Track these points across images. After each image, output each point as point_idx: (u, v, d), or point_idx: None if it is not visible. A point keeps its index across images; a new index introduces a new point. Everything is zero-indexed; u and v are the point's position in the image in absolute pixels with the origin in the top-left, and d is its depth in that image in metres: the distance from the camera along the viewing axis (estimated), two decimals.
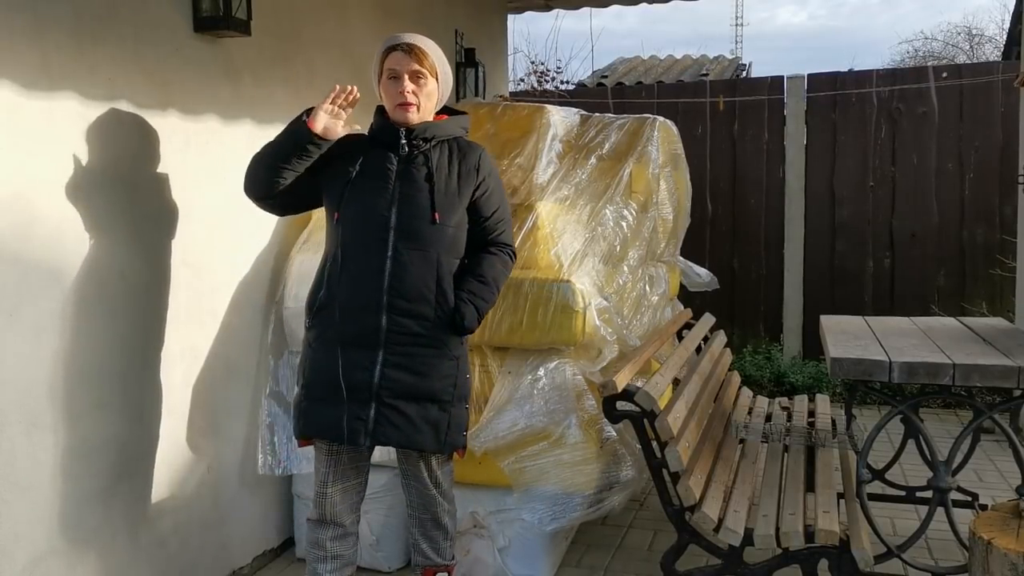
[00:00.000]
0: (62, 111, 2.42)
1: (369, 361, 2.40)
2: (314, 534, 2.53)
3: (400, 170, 2.46)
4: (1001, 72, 5.71)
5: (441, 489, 2.59)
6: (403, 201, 2.43)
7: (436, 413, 2.46)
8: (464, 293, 2.49)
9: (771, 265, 6.24)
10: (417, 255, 2.42)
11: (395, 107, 2.46)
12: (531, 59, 9.28)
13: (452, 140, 2.56)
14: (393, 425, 2.41)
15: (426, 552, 2.63)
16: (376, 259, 2.41)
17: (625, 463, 3.23)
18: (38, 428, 2.36)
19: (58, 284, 2.41)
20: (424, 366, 2.43)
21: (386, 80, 2.47)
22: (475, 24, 5.27)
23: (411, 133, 2.47)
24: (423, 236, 2.43)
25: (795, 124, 6.14)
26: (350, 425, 2.40)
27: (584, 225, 3.41)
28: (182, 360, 2.89)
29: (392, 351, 2.41)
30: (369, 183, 2.45)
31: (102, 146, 2.56)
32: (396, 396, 2.41)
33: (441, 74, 2.52)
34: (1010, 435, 2.81)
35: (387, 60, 2.47)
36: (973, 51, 18.41)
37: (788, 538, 2.56)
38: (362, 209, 2.43)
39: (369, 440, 2.41)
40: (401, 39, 2.48)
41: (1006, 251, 5.45)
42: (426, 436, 2.45)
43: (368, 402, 2.40)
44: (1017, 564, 2.16)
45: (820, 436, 3.42)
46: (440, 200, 2.45)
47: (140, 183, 2.71)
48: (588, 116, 4.01)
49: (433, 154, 2.50)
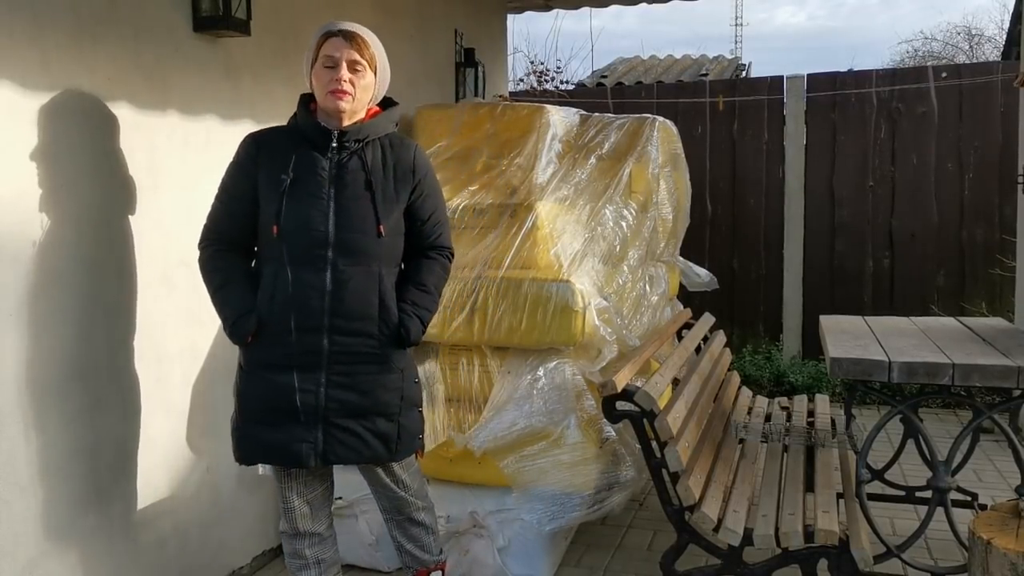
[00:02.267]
0: (62, 111, 2.42)
1: (312, 383, 2.31)
2: (291, 545, 2.50)
3: (333, 175, 2.32)
4: (1001, 72, 5.71)
5: (410, 490, 2.54)
6: (341, 212, 2.30)
7: (384, 425, 2.39)
8: (407, 306, 2.40)
9: (771, 265, 6.24)
10: (358, 271, 2.31)
11: (327, 94, 2.30)
12: (531, 59, 9.30)
13: (384, 137, 2.42)
14: (342, 444, 2.35)
15: (413, 553, 2.60)
16: (315, 277, 2.28)
17: (625, 463, 3.23)
18: (38, 428, 2.36)
19: (58, 284, 2.41)
20: (369, 384, 2.36)
21: (320, 67, 2.31)
22: (475, 24, 5.26)
23: (343, 136, 2.33)
24: (365, 251, 2.32)
25: (795, 124, 6.14)
26: (297, 448, 2.32)
27: (584, 225, 3.41)
28: (181, 360, 2.89)
29: (335, 371, 2.32)
30: (302, 191, 2.30)
31: (102, 146, 2.56)
32: (342, 415, 2.34)
33: (380, 68, 2.39)
34: (1009, 435, 2.81)
35: (324, 46, 2.32)
36: (973, 51, 18.42)
37: (788, 538, 2.56)
38: (298, 222, 2.29)
39: (320, 461, 2.35)
40: (341, 25, 2.34)
41: (1006, 251, 5.45)
42: (376, 449, 2.39)
43: (315, 424, 2.33)
44: (1017, 564, 2.16)
45: (820, 436, 3.42)
46: (382, 210, 2.33)
47: (140, 183, 2.70)
48: (588, 116, 4.02)
49: (367, 155, 2.36)
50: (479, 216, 3.31)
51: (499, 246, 3.21)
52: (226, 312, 2.34)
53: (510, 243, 3.20)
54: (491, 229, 3.27)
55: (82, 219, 2.49)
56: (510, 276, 3.13)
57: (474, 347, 3.17)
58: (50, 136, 2.38)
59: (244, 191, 2.37)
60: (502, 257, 3.18)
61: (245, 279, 2.37)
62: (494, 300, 3.09)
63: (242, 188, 2.38)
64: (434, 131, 3.97)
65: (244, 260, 2.42)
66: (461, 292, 3.14)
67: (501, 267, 3.15)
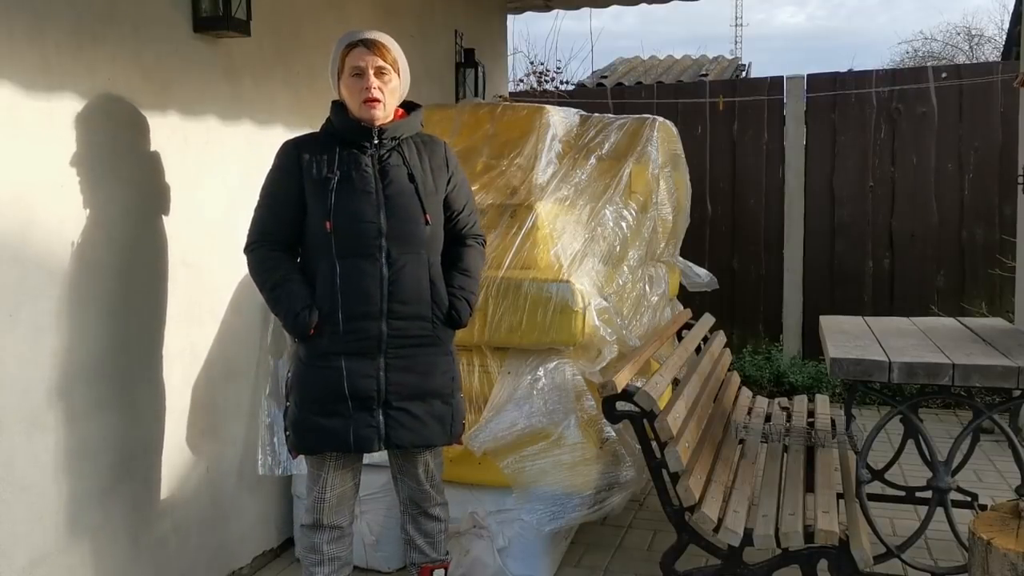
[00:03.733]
0: (62, 111, 2.42)
1: (372, 368, 2.41)
2: (309, 539, 2.53)
3: (378, 170, 2.44)
4: (1000, 72, 5.71)
5: (434, 483, 2.61)
6: (391, 205, 2.41)
7: (441, 408, 2.51)
8: (455, 289, 2.54)
9: (771, 265, 6.24)
10: (411, 258, 2.43)
11: (361, 104, 2.40)
12: (531, 59, 9.29)
13: (415, 135, 2.55)
14: (404, 427, 2.44)
15: (422, 548, 2.63)
16: (372, 267, 2.39)
17: (625, 463, 3.22)
18: (38, 428, 2.36)
19: (58, 284, 2.41)
20: (426, 365, 2.47)
21: (349, 77, 2.42)
22: (475, 24, 5.27)
23: (382, 132, 2.44)
24: (415, 239, 2.44)
25: (795, 124, 6.14)
26: (360, 433, 2.41)
27: (584, 225, 3.40)
28: (181, 360, 2.89)
29: (393, 355, 2.42)
30: (351, 187, 2.40)
31: (101, 146, 2.56)
32: (403, 399, 2.44)
33: (402, 70, 2.50)
34: (1009, 435, 2.81)
35: (349, 57, 2.42)
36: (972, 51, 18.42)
37: (788, 538, 2.56)
38: (351, 217, 2.39)
39: (382, 445, 2.44)
40: (362, 35, 2.44)
41: (1006, 251, 5.45)
42: (435, 431, 2.50)
43: (376, 409, 2.42)
44: (1017, 564, 2.16)
45: (820, 436, 3.42)
46: (427, 200, 2.46)
47: (140, 183, 2.71)
48: (588, 116, 4.01)
49: (404, 151, 2.48)
50: (479, 216, 3.30)
51: (499, 246, 3.21)
52: (287, 307, 2.40)
53: (510, 243, 3.20)
54: (491, 229, 3.27)
55: (82, 219, 2.49)
56: (510, 276, 3.12)
57: (474, 347, 3.17)
58: (50, 136, 2.39)
59: (290, 193, 2.45)
60: (502, 257, 3.18)
61: (299, 275, 2.45)
62: (494, 300, 3.09)
63: (288, 191, 2.45)
64: (434, 131, 3.94)
65: (293, 258, 2.50)
66: None
67: (501, 267, 3.15)
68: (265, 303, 2.51)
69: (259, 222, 2.50)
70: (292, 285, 2.42)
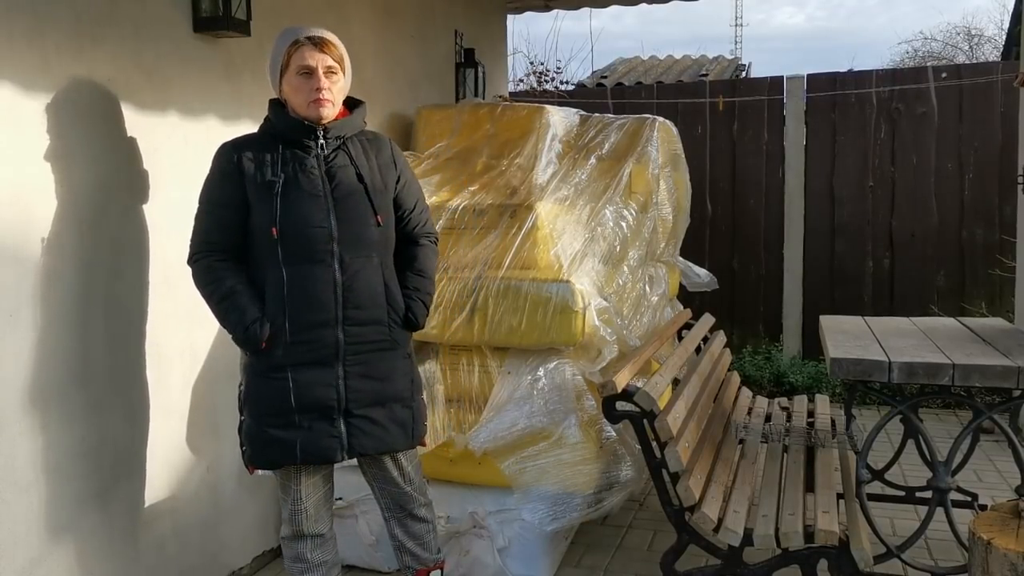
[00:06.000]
0: (62, 111, 2.42)
1: (331, 377, 2.34)
2: (293, 550, 2.48)
3: (325, 171, 2.35)
4: (1000, 72, 5.71)
5: (413, 484, 2.56)
6: (340, 207, 2.33)
7: (402, 412, 2.46)
8: (411, 291, 2.49)
9: (771, 265, 6.24)
10: (363, 262, 2.36)
11: (309, 104, 2.32)
12: (531, 60, 9.30)
13: (359, 133, 2.47)
14: (366, 434, 2.39)
15: (414, 551, 2.59)
16: (325, 273, 2.31)
17: (625, 463, 3.23)
18: (38, 428, 2.36)
19: (58, 284, 2.41)
20: (385, 370, 2.42)
21: (296, 76, 2.32)
22: (475, 24, 5.26)
23: (327, 131, 2.36)
24: (367, 242, 2.37)
25: (795, 124, 6.14)
26: (322, 443, 2.35)
27: (584, 225, 3.40)
28: (181, 360, 2.89)
29: (352, 362, 2.36)
30: (298, 190, 2.31)
31: (101, 146, 2.56)
32: (364, 405, 2.39)
33: (347, 68, 2.42)
34: (1009, 435, 2.81)
35: (295, 55, 2.32)
36: (972, 51, 18.42)
37: (788, 538, 2.56)
38: (299, 222, 2.29)
39: (345, 455, 2.38)
40: (308, 31, 2.35)
41: (1006, 251, 5.45)
42: (397, 436, 2.45)
43: (337, 418, 2.36)
44: (1017, 564, 2.16)
45: (820, 436, 3.42)
46: (377, 200, 2.39)
47: (140, 183, 2.71)
48: (588, 116, 4.02)
49: (350, 150, 2.41)
50: (479, 216, 3.31)
51: (499, 246, 3.21)
52: (236, 321, 2.31)
53: (510, 243, 3.20)
54: (491, 229, 3.27)
55: (82, 219, 2.49)
56: (510, 276, 3.13)
57: (474, 347, 3.17)
58: (50, 136, 2.39)
59: (232, 198, 2.34)
60: (502, 257, 3.18)
61: (248, 286, 2.35)
62: (494, 300, 3.09)
63: (229, 196, 2.35)
64: (434, 131, 3.97)
65: (240, 268, 2.38)
66: (461, 292, 3.14)
67: (501, 267, 3.15)
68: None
69: (201, 231, 2.38)
70: (240, 298, 2.31)
